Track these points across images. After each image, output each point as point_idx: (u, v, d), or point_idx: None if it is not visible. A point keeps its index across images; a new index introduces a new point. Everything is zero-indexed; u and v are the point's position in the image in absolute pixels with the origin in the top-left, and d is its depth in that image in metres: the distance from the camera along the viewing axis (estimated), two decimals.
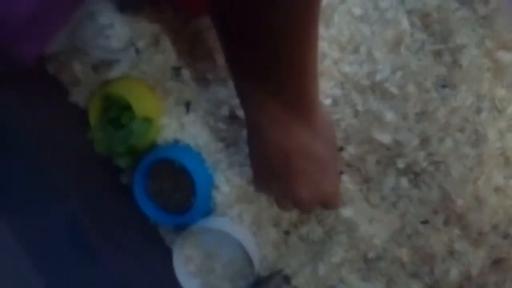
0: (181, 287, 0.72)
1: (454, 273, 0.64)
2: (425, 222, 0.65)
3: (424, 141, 0.63)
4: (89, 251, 0.75)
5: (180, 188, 0.70)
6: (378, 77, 0.63)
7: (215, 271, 0.72)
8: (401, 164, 0.63)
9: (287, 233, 0.70)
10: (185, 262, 0.72)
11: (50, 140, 0.73)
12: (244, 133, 0.67)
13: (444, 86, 0.63)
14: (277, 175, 0.57)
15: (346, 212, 0.65)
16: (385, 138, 0.61)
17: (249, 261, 0.69)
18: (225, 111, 0.67)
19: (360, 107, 0.62)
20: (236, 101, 0.60)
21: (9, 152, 0.72)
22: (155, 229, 0.76)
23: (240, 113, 0.66)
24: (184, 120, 0.69)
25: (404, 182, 0.64)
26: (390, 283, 0.67)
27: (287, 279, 0.71)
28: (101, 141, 0.68)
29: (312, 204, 0.59)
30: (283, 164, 0.55)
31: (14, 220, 0.71)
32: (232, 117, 0.68)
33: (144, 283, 0.76)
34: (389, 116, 0.61)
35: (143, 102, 0.68)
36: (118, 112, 0.68)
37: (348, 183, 0.64)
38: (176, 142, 0.71)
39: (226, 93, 0.68)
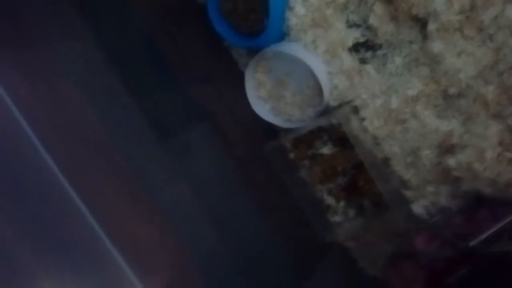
0: (252, 110, 0.66)
1: None
2: None
3: None
4: (166, 72, 0.69)
5: (254, 8, 0.58)
6: None
7: (285, 98, 0.64)
8: None
9: (363, 61, 0.58)
10: (257, 87, 0.64)
11: None
12: None
13: None
14: None
15: (435, 44, 0.52)
16: None
17: (319, 90, 0.60)
18: None
19: None
20: None
21: None
22: (229, 53, 0.68)
23: None
24: None
25: (510, 9, 0.48)
26: (467, 123, 0.55)
27: (356, 109, 0.62)
28: None
29: None
30: None
31: (100, 39, 0.64)
32: None
33: (217, 105, 0.71)
34: None
35: None
36: None
37: (446, 10, 0.49)
38: None
39: None
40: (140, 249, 0.53)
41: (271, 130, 0.68)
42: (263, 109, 0.64)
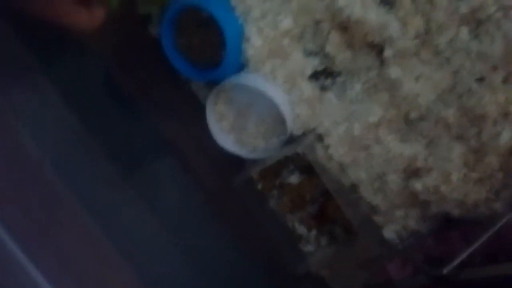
0: (216, 142, 0.63)
1: (505, 137, 0.50)
2: (480, 79, 0.49)
3: None
4: (127, 107, 0.66)
5: (209, 41, 0.56)
6: None
7: (248, 129, 0.62)
8: (464, 8, 0.46)
9: (323, 89, 0.57)
10: (219, 119, 0.62)
11: None
12: None
13: None
14: None
15: (392, 69, 0.51)
16: None
17: (282, 119, 0.58)
18: None
19: None
20: None
21: None
22: (188, 85, 0.65)
23: None
24: None
25: (464, 32, 0.48)
26: (430, 145, 0.54)
27: (319, 137, 0.60)
28: None
29: None
30: None
31: (55, 78, 0.61)
32: None
33: (181, 138, 0.68)
34: None
35: None
36: None
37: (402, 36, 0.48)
38: None
39: None
40: None
41: (237, 160, 0.65)
42: (227, 141, 0.62)
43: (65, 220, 0.50)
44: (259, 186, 0.67)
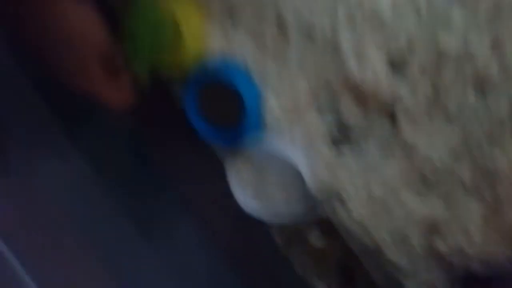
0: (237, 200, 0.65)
1: None
2: (490, 135, 0.51)
3: (497, 44, 0.49)
4: (148, 165, 0.68)
5: (229, 105, 0.60)
6: None
7: (269, 190, 0.64)
8: (468, 71, 0.49)
9: (339, 148, 0.59)
10: (240, 183, 0.64)
11: None
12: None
13: None
14: None
15: (405, 129, 0.53)
16: (451, 41, 0.47)
17: (301, 180, 0.60)
18: (271, 16, 0.55)
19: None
20: (283, 4, 0.48)
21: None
22: (209, 146, 0.69)
23: (289, 18, 0.54)
24: (229, 30, 0.57)
25: (470, 92, 0.51)
26: (447, 201, 0.55)
27: (339, 197, 0.61)
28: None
29: None
30: None
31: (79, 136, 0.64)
32: (279, 25, 0.56)
33: (202, 197, 0.70)
34: (456, 14, 0.47)
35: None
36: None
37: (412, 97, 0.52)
38: (220, 55, 0.59)
39: None
40: None
41: (258, 219, 0.66)
42: (249, 204, 0.64)
43: (83, 277, 0.52)
44: (282, 249, 0.67)
